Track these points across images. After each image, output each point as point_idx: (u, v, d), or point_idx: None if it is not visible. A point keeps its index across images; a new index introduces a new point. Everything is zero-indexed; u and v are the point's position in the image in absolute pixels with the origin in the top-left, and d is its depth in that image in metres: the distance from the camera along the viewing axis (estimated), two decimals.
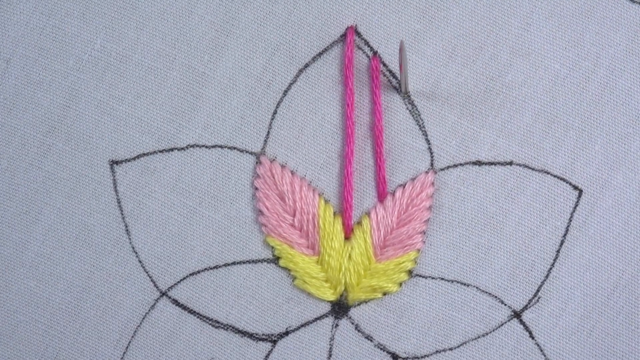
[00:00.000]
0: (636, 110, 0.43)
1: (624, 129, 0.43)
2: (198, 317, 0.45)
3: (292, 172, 0.44)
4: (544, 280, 0.44)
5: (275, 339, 0.45)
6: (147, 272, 0.45)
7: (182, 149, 0.44)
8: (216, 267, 0.45)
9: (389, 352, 0.45)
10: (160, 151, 0.44)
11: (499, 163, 0.44)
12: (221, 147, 0.44)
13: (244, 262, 0.45)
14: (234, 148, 0.44)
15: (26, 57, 0.43)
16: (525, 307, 0.45)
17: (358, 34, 0.43)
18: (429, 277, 0.45)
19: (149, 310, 0.45)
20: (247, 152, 0.44)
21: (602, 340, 0.45)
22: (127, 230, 0.45)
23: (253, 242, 0.45)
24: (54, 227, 0.45)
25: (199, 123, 0.44)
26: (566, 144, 0.43)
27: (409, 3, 0.43)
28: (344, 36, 0.43)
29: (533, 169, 0.44)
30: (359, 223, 0.44)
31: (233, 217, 0.44)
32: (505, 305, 0.45)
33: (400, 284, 0.45)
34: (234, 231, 0.45)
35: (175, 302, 0.45)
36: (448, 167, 0.44)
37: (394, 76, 0.43)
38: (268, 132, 0.44)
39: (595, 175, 0.44)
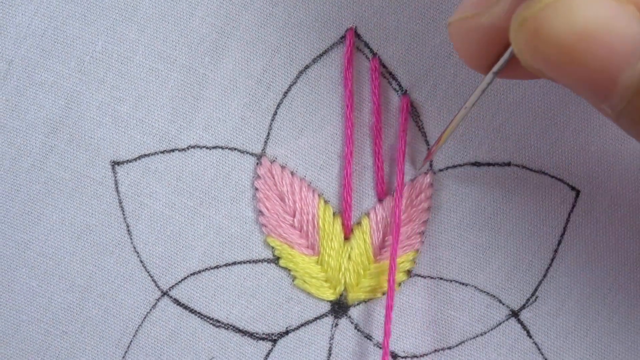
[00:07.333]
0: None
1: (620, 129, 0.43)
2: (199, 317, 0.45)
3: (292, 173, 0.44)
4: (542, 279, 0.44)
5: (276, 338, 0.45)
6: (148, 272, 0.45)
7: (183, 149, 0.44)
8: (217, 267, 0.45)
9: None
10: (161, 152, 0.44)
11: (496, 164, 0.44)
12: (222, 148, 0.44)
13: (244, 262, 0.45)
14: (235, 149, 0.44)
15: (28, 59, 0.43)
16: (523, 307, 0.45)
17: (358, 35, 0.43)
18: (428, 277, 0.45)
19: (150, 309, 0.45)
20: (247, 153, 0.44)
21: (599, 339, 0.45)
22: (128, 230, 0.45)
23: (253, 242, 0.45)
24: (56, 227, 0.45)
25: (200, 124, 0.44)
26: (563, 144, 0.43)
27: (408, 4, 0.43)
28: (343, 38, 0.43)
29: (531, 170, 0.44)
30: (359, 223, 0.44)
31: (233, 218, 0.44)
32: (503, 304, 0.45)
33: (399, 284, 0.45)
34: (235, 231, 0.45)
35: (176, 302, 0.45)
36: (447, 168, 0.44)
37: (393, 77, 0.43)
38: (268, 133, 0.44)
39: (592, 175, 0.44)
